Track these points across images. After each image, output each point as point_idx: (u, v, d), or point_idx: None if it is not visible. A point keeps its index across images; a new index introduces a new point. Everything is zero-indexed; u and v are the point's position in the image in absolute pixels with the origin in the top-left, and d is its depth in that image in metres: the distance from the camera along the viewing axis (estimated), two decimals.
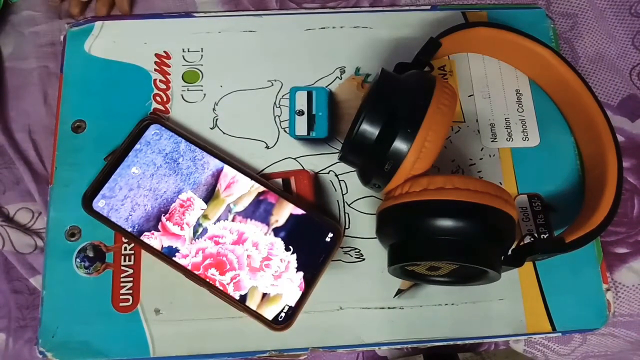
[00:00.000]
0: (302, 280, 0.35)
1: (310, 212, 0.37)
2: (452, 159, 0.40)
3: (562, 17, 0.46)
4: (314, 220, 0.36)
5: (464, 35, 0.39)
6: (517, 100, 0.42)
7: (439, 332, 0.36)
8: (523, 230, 0.38)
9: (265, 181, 0.38)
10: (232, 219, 0.36)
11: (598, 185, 0.36)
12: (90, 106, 0.40)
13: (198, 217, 0.36)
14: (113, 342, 0.35)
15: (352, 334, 0.36)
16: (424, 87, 0.32)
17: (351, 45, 0.43)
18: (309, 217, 0.36)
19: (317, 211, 0.37)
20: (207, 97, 0.41)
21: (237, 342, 0.36)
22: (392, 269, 0.33)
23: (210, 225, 0.36)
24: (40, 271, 0.39)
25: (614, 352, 0.40)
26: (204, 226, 0.36)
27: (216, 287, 0.35)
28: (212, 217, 0.36)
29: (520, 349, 0.39)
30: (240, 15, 0.43)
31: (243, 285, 0.35)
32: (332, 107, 0.41)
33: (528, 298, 0.37)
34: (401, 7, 0.45)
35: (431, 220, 0.30)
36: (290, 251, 0.36)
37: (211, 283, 0.35)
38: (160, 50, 0.42)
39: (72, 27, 0.42)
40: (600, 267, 0.38)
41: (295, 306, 0.35)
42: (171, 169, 0.37)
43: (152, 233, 0.36)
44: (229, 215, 0.36)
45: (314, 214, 0.37)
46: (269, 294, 0.35)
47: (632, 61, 0.45)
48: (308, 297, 0.35)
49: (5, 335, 0.38)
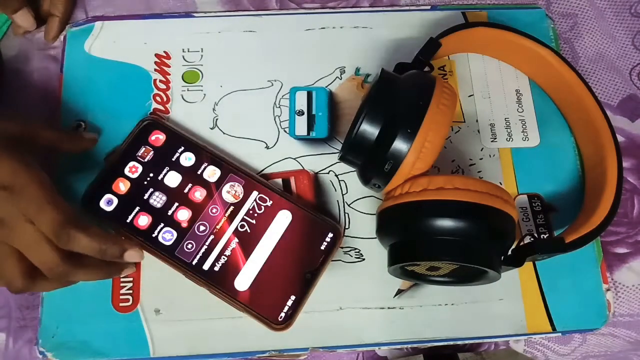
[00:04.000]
0: (302, 280, 0.35)
1: (310, 212, 0.37)
2: (452, 159, 0.40)
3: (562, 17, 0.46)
4: (314, 220, 0.36)
5: (464, 35, 0.39)
6: (517, 100, 0.42)
7: (439, 332, 0.36)
8: (523, 230, 0.38)
9: (265, 181, 0.38)
10: (232, 218, 0.36)
11: (598, 185, 0.36)
12: (90, 106, 0.40)
13: (198, 216, 0.36)
14: (113, 342, 0.35)
15: (352, 334, 0.36)
16: (424, 87, 0.32)
17: (351, 45, 0.43)
18: (309, 217, 0.36)
19: (317, 211, 0.37)
20: (207, 97, 0.41)
21: (237, 342, 0.36)
22: (392, 269, 0.33)
23: (211, 225, 0.36)
24: None
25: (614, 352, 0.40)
26: (205, 226, 0.36)
27: (216, 287, 0.35)
28: (213, 217, 0.36)
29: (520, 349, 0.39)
30: (240, 15, 0.43)
31: (243, 285, 0.35)
32: (332, 107, 0.41)
33: (528, 298, 0.37)
34: (401, 7, 0.45)
35: (431, 220, 0.30)
36: (291, 251, 0.36)
37: (211, 283, 0.35)
38: (160, 50, 0.42)
39: (72, 27, 0.42)
40: (600, 267, 0.38)
41: (295, 306, 0.35)
42: (171, 168, 0.37)
43: (153, 233, 0.36)
44: (229, 215, 0.36)
45: (314, 214, 0.37)
46: (269, 293, 0.35)
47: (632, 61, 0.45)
48: (308, 296, 0.35)
49: (5, 335, 0.38)
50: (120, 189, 0.37)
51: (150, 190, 0.37)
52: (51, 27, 0.43)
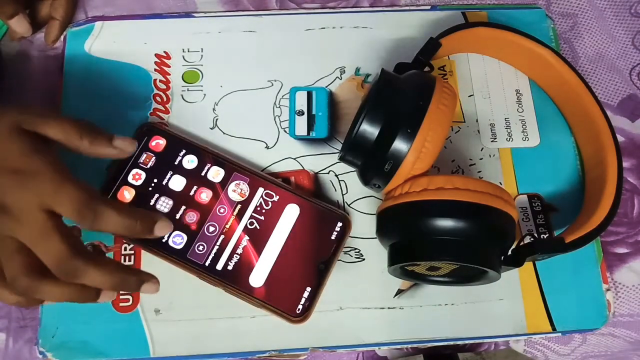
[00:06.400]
0: (316, 271, 0.35)
1: (318, 204, 0.37)
2: (452, 159, 0.40)
3: (562, 17, 0.46)
4: (322, 211, 0.37)
5: (464, 35, 0.39)
6: (517, 100, 0.42)
7: (439, 332, 0.36)
8: (523, 230, 0.38)
9: (269, 177, 0.38)
10: (241, 217, 0.36)
11: (598, 185, 0.36)
12: (90, 106, 0.40)
13: (206, 218, 0.36)
14: (113, 342, 0.35)
15: (352, 334, 0.36)
16: (424, 87, 0.32)
17: (351, 45, 0.43)
18: (317, 208, 0.37)
19: (324, 203, 0.37)
20: (207, 97, 0.41)
21: (237, 342, 0.36)
22: (392, 269, 0.33)
23: (220, 225, 0.36)
24: None
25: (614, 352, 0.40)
26: (214, 227, 0.36)
27: (232, 286, 0.35)
28: (221, 217, 0.36)
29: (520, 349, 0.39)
30: (240, 15, 0.43)
31: (258, 281, 0.35)
32: (332, 107, 0.41)
33: (528, 298, 0.37)
34: (401, 7, 0.45)
35: (431, 220, 0.30)
36: (302, 243, 0.36)
37: (226, 283, 0.35)
38: (160, 50, 0.42)
39: (72, 27, 0.42)
40: (600, 267, 0.38)
41: (311, 297, 0.35)
42: (175, 172, 0.37)
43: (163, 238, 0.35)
44: (238, 213, 0.36)
45: (322, 205, 0.37)
46: (285, 287, 0.35)
47: (632, 61, 0.45)
48: (323, 287, 0.35)
49: (5, 335, 0.38)
50: (125, 197, 0.37)
51: (156, 196, 0.37)
52: (51, 30, 0.42)
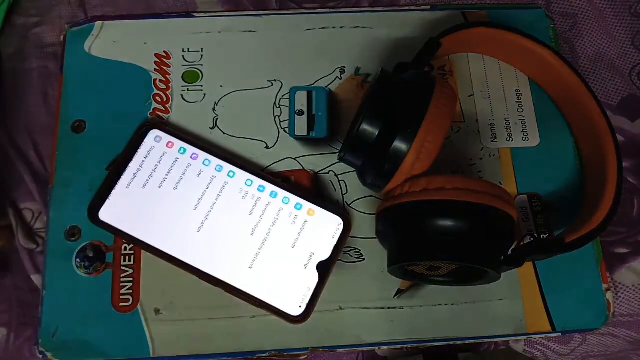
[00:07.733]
0: (316, 271, 0.35)
1: (318, 203, 0.37)
2: (452, 159, 0.40)
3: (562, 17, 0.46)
4: (323, 211, 0.36)
5: (464, 35, 0.39)
6: (517, 100, 0.42)
7: (439, 332, 0.36)
8: (523, 230, 0.38)
9: (270, 177, 0.37)
10: (241, 216, 0.36)
11: (598, 185, 0.36)
12: (90, 106, 0.40)
13: (207, 217, 0.36)
14: (113, 342, 0.35)
15: (352, 334, 0.36)
16: (423, 87, 0.32)
17: (351, 45, 0.42)
18: (317, 208, 0.36)
19: (324, 202, 0.37)
20: (207, 97, 0.41)
21: (237, 342, 0.36)
22: (392, 269, 0.33)
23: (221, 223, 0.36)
24: (40, 271, 0.39)
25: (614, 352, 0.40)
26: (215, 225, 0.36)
27: (232, 285, 0.35)
28: (222, 216, 0.36)
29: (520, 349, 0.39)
30: (240, 15, 0.43)
31: (258, 281, 0.35)
32: (332, 107, 0.41)
33: (528, 298, 0.37)
34: (401, 7, 0.45)
35: (431, 221, 0.30)
36: (303, 243, 0.36)
37: (226, 282, 0.35)
38: (160, 50, 0.42)
39: (72, 27, 0.42)
40: (600, 267, 0.38)
41: (312, 297, 0.35)
42: (174, 172, 0.37)
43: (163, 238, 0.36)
44: (238, 213, 0.36)
45: (322, 205, 0.37)
46: (285, 288, 0.35)
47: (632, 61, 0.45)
48: (323, 288, 0.35)
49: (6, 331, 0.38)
50: (125, 197, 0.36)
51: (155, 195, 0.36)
52: None
